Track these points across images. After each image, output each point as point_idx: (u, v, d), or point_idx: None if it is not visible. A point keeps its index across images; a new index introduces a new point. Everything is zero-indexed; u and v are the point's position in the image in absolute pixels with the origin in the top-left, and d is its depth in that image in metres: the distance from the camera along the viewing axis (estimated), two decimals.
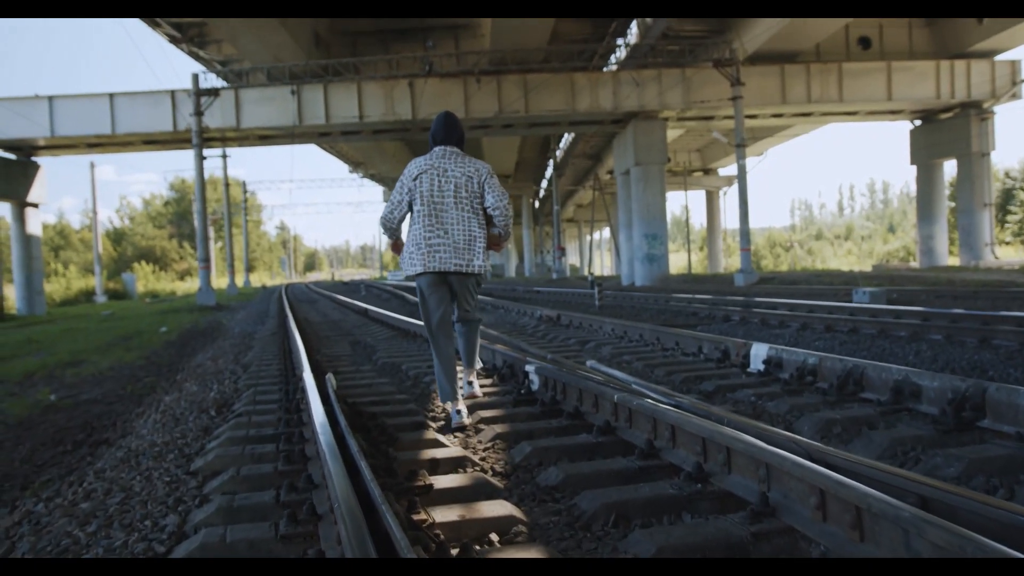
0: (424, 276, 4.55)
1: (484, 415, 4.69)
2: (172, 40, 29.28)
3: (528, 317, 13.43)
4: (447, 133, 4.66)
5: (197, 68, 30.78)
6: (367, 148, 41.95)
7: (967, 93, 28.05)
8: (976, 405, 3.78)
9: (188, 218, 76.36)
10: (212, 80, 28.07)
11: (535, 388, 5.24)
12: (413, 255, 4.51)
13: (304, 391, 4.73)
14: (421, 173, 4.53)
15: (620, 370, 6.26)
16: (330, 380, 4.97)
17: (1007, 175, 51.31)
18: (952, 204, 35.81)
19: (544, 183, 59.18)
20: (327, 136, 31.33)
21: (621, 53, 30.69)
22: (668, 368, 6.39)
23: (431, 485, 3.11)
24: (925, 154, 30.76)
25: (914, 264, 35.42)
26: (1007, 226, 45.57)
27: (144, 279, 58.20)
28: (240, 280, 57.72)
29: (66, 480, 4.23)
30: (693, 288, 21.64)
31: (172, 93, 27.80)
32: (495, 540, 2.63)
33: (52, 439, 5.85)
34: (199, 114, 26.25)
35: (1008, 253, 38.02)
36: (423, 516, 2.69)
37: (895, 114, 30.75)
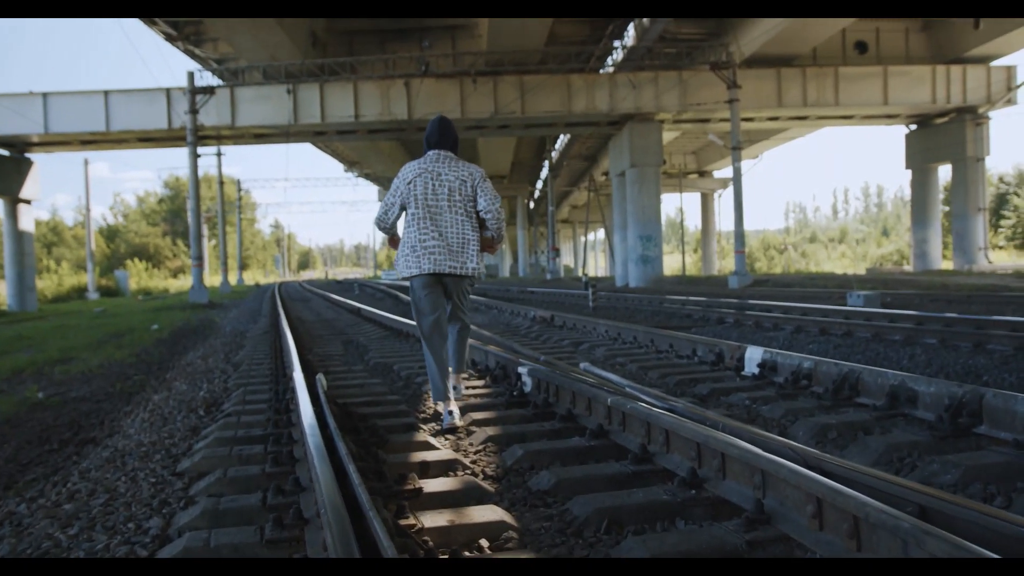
0: (419, 278, 4.59)
1: (476, 417, 4.64)
2: (168, 38, 29.19)
3: (522, 318, 13.38)
4: (441, 137, 4.71)
5: (193, 66, 30.74)
6: (362, 147, 41.90)
7: (963, 98, 28.10)
8: (973, 411, 3.73)
9: (182, 216, 76.13)
10: (208, 78, 27.99)
11: (528, 390, 5.19)
12: (408, 257, 4.57)
13: (294, 391, 4.68)
14: (415, 177, 4.59)
15: (614, 372, 6.22)
16: (320, 380, 4.91)
17: (1001, 180, 51.44)
18: (946, 208, 35.91)
19: (539, 184, 59.18)
20: (323, 135, 31.29)
21: (618, 55, 30.69)
22: (662, 371, 6.34)
23: (421, 489, 3.06)
24: (920, 158, 30.81)
25: (908, 268, 35.46)
26: (1000, 231, 45.68)
27: (137, 276, 57.87)
28: (233, 278, 57.55)
29: (50, 480, 4.17)
30: (687, 290, 21.61)
31: (167, 91, 27.69)
32: (485, 546, 2.58)
33: (38, 437, 5.78)
34: (194, 112, 26.15)
35: (1001, 257, 38.12)
36: (412, 521, 2.64)
37: (891, 118, 30.80)
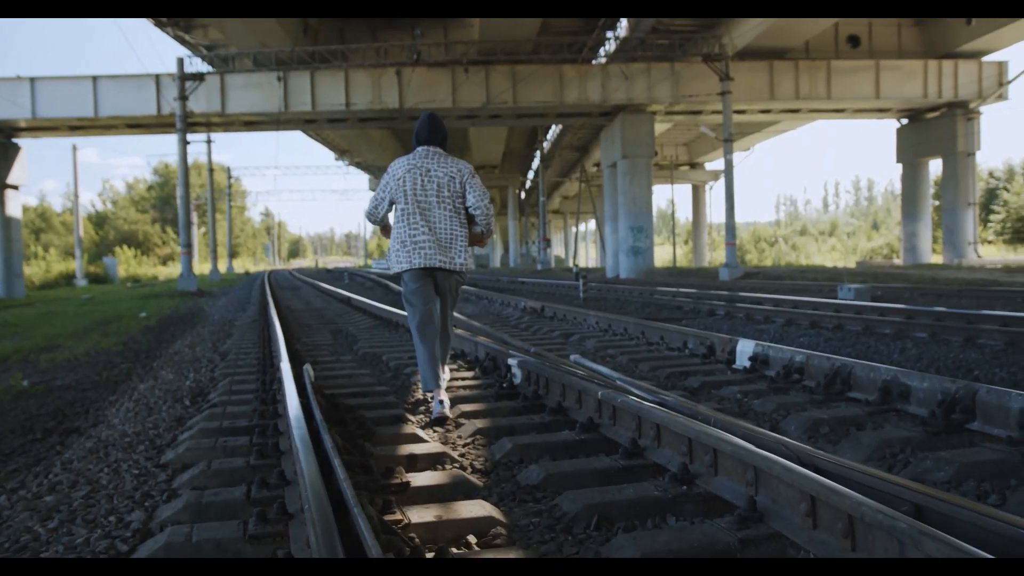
0: (410, 272, 4.64)
1: (465, 409, 4.59)
2: (158, 23, 28.84)
3: (512, 308, 13.33)
4: (431, 133, 4.74)
5: (182, 52, 30.39)
6: (353, 136, 41.67)
7: (954, 93, 28.13)
8: (966, 407, 3.70)
9: (171, 203, 75.59)
10: (198, 64, 27.78)
11: (517, 382, 5.15)
12: (399, 252, 4.61)
13: (281, 382, 4.62)
14: (405, 172, 4.62)
15: (604, 364, 6.18)
16: (308, 371, 4.85)
17: (991, 175, 51.60)
18: (936, 203, 35.97)
19: (531, 174, 59.07)
20: (313, 123, 31.09)
21: (611, 46, 30.54)
22: (653, 363, 6.31)
23: (408, 483, 3.01)
24: (911, 153, 30.88)
25: (898, 261, 35.54)
26: (990, 225, 45.79)
27: (126, 263, 57.51)
28: (223, 266, 57.36)
29: (32, 471, 4.10)
30: (678, 281, 21.60)
31: (157, 77, 27.41)
32: (473, 543, 2.53)
33: (22, 427, 5.69)
34: (184, 99, 25.94)
35: (990, 252, 38.24)
36: (398, 516, 2.59)
37: (882, 112, 30.82)
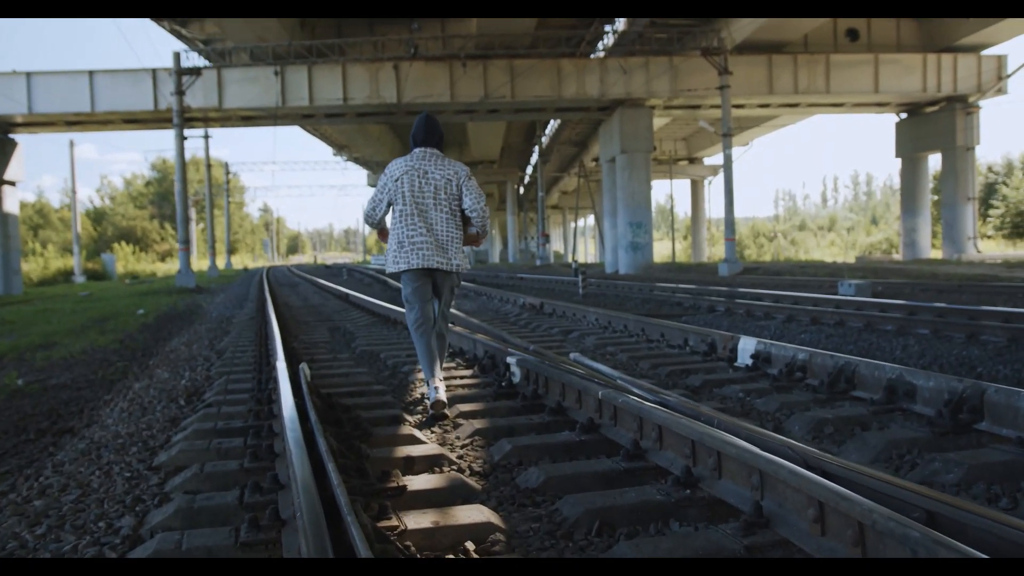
0: (408, 273, 4.68)
1: (463, 409, 4.52)
2: (154, 18, 28.72)
3: (511, 305, 13.26)
4: (427, 135, 4.78)
5: (178, 46, 30.21)
6: (351, 131, 41.56)
7: (953, 87, 28.04)
8: (974, 407, 3.64)
9: (170, 199, 75.28)
10: (194, 59, 27.59)
11: (516, 381, 5.08)
12: (397, 253, 4.64)
13: (276, 381, 4.56)
14: (403, 174, 4.65)
15: (604, 362, 6.12)
16: (304, 370, 4.78)
17: (990, 169, 51.45)
18: (935, 197, 35.90)
19: (529, 169, 58.93)
20: (311, 118, 30.95)
21: (609, 40, 30.41)
22: (653, 361, 6.24)
23: (404, 487, 2.94)
24: (910, 147, 30.79)
25: (897, 256, 35.49)
26: (989, 220, 45.70)
27: (124, 260, 57.37)
28: (221, 262, 57.23)
29: (23, 473, 4.04)
30: (677, 277, 21.53)
31: (153, 71, 27.26)
32: (471, 550, 2.47)
33: (15, 427, 5.62)
34: (180, 93, 25.75)
35: (990, 247, 38.20)
36: (394, 522, 2.53)
37: (881, 106, 30.73)
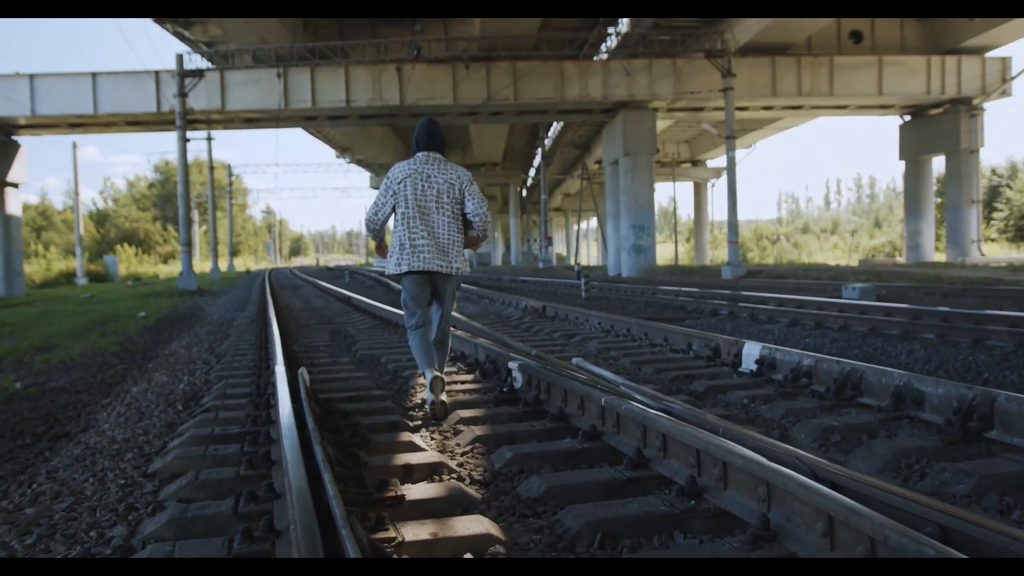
0: (409, 275, 4.73)
1: (464, 415, 4.46)
2: (157, 20, 28.66)
3: (513, 308, 13.20)
4: (430, 139, 4.83)
5: (181, 48, 30.26)
6: (354, 133, 41.51)
7: (957, 89, 27.92)
8: (984, 415, 3.56)
9: (173, 201, 75.28)
10: (197, 61, 27.61)
11: (518, 386, 5.02)
12: (399, 255, 4.68)
13: (275, 386, 4.50)
14: (406, 177, 4.70)
15: (607, 367, 6.05)
16: (303, 375, 4.72)
17: (994, 172, 51.28)
18: (939, 200, 35.76)
19: (532, 171, 58.86)
20: (313, 120, 30.93)
21: (612, 42, 30.34)
22: (656, 366, 6.17)
23: (403, 496, 2.88)
24: (914, 149, 30.68)
25: (900, 259, 35.37)
26: (993, 223, 45.57)
27: (127, 262, 57.36)
28: (224, 264, 57.24)
29: (16, 479, 3.97)
30: (680, 280, 21.45)
31: (156, 73, 27.23)
32: None
33: (11, 431, 5.56)
34: (183, 95, 25.74)
35: (994, 250, 38.06)
36: (391, 534, 2.47)
37: (885, 109, 30.63)
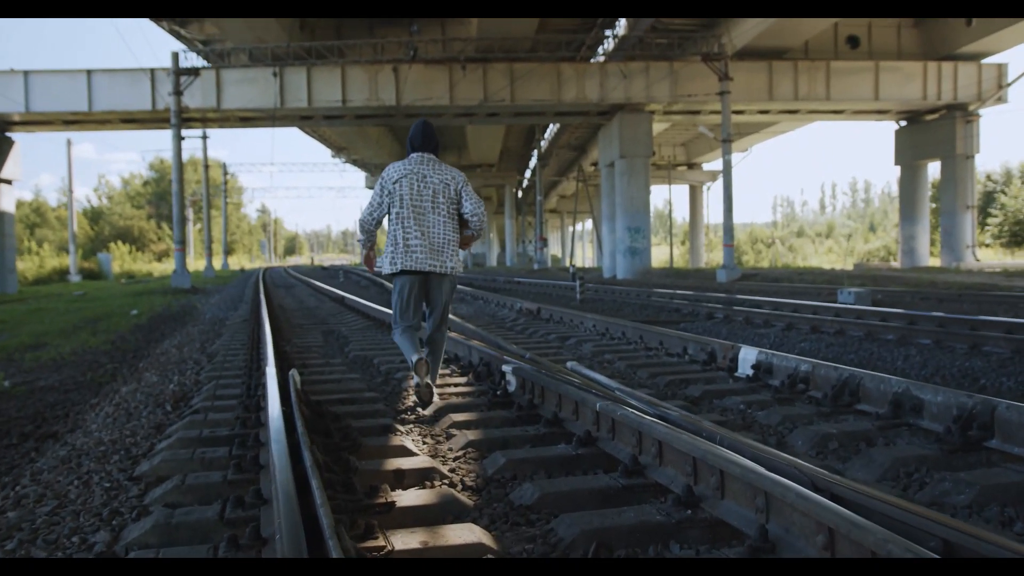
0: (401, 275, 4.77)
1: (456, 419, 4.40)
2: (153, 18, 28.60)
3: (507, 309, 13.14)
4: (424, 140, 4.88)
5: (177, 46, 30.10)
6: (350, 133, 41.42)
7: (953, 95, 27.95)
8: (984, 424, 3.52)
9: (167, 199, 75.15)
10: (193, 59, 27.44)
11: (512, 390, 4.96)
12: (393, 254, 4.72)
13: (265, 388, 4.43)
14: (401, 177, 4.73)
15: (602, 370, 6.00)
16: (293, 377, 4.65)
17: (988, 178, 51.39)
18: (934, 205, 35.80)
19: (528, 173, 58.80)
20: (309, 120, 30.84)
21: (609, 44, 30.32)
22: (652, 370, 6.12)
23: (393, 503, 2.82)
24: (910, 155, 30.70)
25: (895, 264, 35.41)
26: (987, 228, 45.64)
27: (120, 259, 57.14)
28: (218, 263, 57.06)
29: (0, 481, 3.90)
30: (675, 283, 21.42)
31: (152, 71, 27.10)
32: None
33: None
34: (178, 93, 25.63)
35: (988, 255, 38.14)
36: (380, 543, 2.40)
37: (881, 114, 30.64)
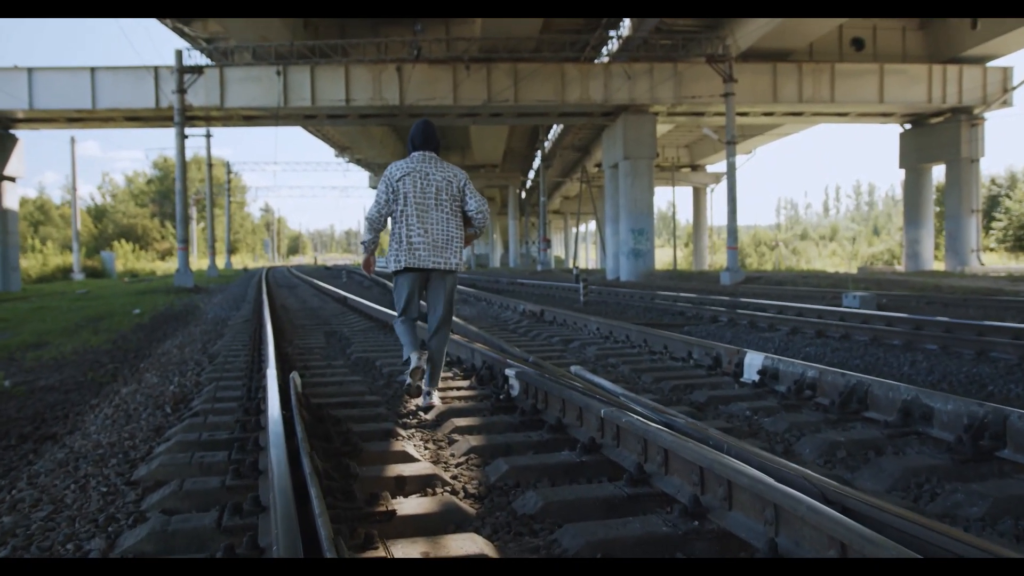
0: (404, 272, 4.83)
1: (459, 424, 4.34)
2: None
3: (511, 312, 13.10)
4: (426, 139, 4.94)
5: (181, 44, 30.14)
6: (353, 132, 41.38)
7: (958, 98, 27.85)
8: (996, 433, 3.45)
9: (171, 197, 74.66)
10: (196, 57, 27.44)
11: (515, 394, 4.91)
12: (397, 252, 4.77)
13: (265, 390, 4.38)
14: (404, 175, 4.78)
15: (606, 375, 5.94)
16: (294, 380, 4.60)
17: (993, 182, 51.30)
18: (939, 209, 35.69)
19: (531, 173, 58.74)
20: (313, 119, 30.79)
21: (613, 45, 30.26)
22: (656, 374, 6.06)
23: (394, 511, 2.77)
24: (914, 158, 30.60)
25: (899, 267, 35.30)
26: (992, 233, 45.52)
27: (124, 258, 57.11)
28: (221, 262, 57.06)
29: None
30: (679, 285, 21.35)
31: (155, 69, 27.07)
32: None
33: None
34: (182, 92, 25.60)
35: (992, 259, 38.01)
36: (380, 553, 2.35)
37: (886, 117, 30.54)
